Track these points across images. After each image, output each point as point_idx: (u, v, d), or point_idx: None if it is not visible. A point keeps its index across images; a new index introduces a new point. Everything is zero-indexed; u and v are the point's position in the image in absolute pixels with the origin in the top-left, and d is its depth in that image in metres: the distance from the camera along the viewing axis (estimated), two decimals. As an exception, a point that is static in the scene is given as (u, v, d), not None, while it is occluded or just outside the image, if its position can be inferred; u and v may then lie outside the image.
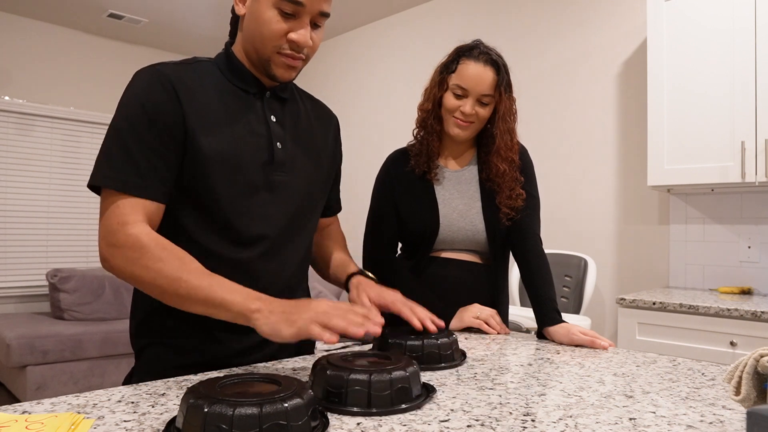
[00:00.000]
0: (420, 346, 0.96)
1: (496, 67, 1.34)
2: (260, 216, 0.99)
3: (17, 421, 0.61)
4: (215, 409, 0.57)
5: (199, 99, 0.96)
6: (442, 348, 0.97)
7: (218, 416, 0.57)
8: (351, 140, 4.31)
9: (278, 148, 1.02)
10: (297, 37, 0.96)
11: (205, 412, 0.57)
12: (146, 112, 0.92)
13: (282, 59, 0.98)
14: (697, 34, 2.29)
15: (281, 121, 1.05)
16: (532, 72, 3.18)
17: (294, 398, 0.60)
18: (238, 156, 0.96)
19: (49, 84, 4.29)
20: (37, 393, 3.22)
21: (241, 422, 0.56)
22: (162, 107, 0.92)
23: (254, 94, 1.03)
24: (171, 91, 0.94)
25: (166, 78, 0.94)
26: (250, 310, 0.82)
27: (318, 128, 1.14)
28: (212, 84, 0.99)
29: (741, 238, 2.43)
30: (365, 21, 4.20)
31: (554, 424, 0.67)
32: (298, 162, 1.06)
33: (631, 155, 2.78)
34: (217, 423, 0.56)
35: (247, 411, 0.57)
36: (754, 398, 0.64)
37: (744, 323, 1.90)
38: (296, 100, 1.12)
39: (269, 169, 1.00)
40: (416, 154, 1.44)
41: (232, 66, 1.03)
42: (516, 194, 1.39)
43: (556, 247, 3.00)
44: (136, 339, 1.02)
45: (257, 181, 0.99)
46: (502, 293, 1.46)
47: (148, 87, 0.93)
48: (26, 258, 4.13)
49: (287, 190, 1.03)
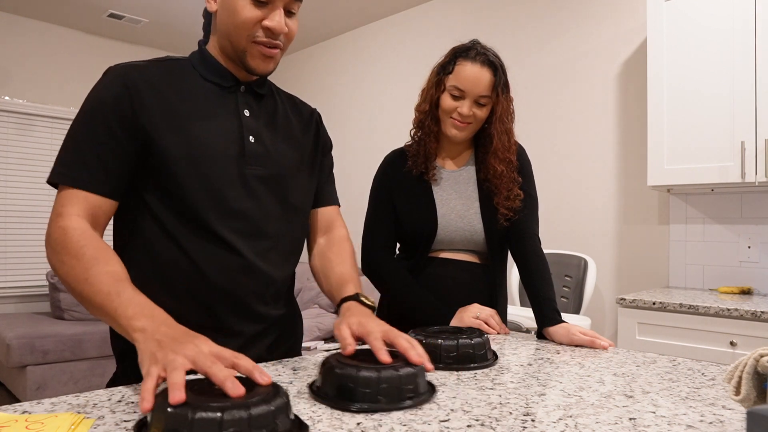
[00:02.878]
0: (455, 346, 0.97)
1: (494, 68, 1.34)
2: (238, 211, 0.97)
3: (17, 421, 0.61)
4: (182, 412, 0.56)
5: (164, 97, 0.95)
6: (476, 348, 0.98)
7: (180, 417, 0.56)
8: (349, 141, 4.31)
9: (251, 142, 1.00)
10: (272, 24, 0.94)
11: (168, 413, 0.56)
12: (102, 107, 0.91)
13: (258, 48, 0.96)
14: (697, 34, 2.29)
15: (256, 114, 1.04)
16: (532, 72, 3.18)
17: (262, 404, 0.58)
18: (204, 152, 0.95)
19: (49, 84, 4.29)
20: (37, 393, 3.22)
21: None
22: (119, 104, 0.92)
23: (228, 89, 1.02)
24: (132, 89, 0.93)
25: (129, 77, 0.94)
26: (133, 328, 0.74)
27: (296, 121, 1.13)
28: (182, 82, 0.99)
29: (741, 238, 2.43)
30: (363, 22, 4.20)
31: (554, 424, 0.67)
32: (278, 154, 1.04)
33: (631, 155, 2.78)
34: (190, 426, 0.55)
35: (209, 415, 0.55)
36: (754, 398, 0.64)
37: (744, 323, 1.90)
38: (274, 96, 1.11)
39: (242, 162, 0.99)
40: (414, 154, 1.44)
41: (205, 62, 1.02)
42: (514, 195, 1.39)
43: (556, 247, 3.00)
44: (116, 342, 0.99)
45: (230, 177, 0.97)
46: (500, 293, 1.46)
47: (109, 84, 0.93)
48: (26, 258, 4.13)
49: (266, 183, 1.01)
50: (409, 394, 0.74)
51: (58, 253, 0.86)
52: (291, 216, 1.06)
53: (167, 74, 0.98)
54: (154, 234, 0.95)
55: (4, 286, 4.03)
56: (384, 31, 4.12)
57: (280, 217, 1.03)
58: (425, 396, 0.76)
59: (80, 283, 0.82)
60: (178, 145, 0.94)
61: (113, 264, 0.84)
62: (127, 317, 0.76)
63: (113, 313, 0.78)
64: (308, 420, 0.67)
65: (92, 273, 0.82)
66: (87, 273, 0.82)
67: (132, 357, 0.94)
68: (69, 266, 0.84)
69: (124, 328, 0.76)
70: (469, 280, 1.41)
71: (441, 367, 0.95)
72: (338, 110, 4.44)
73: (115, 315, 0.77)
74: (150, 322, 0.74)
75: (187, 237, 0.95)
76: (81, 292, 0.82)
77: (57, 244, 0.86)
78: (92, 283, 0.81)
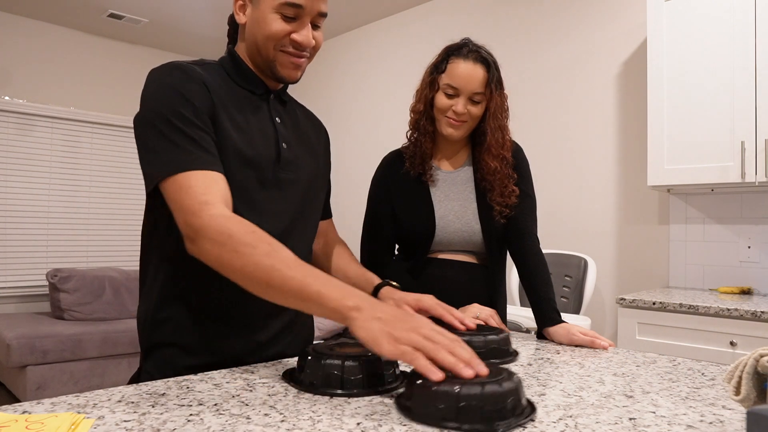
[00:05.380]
0: (484, 342, 1.00)
1: (486, 65, 1.34)
2: (269, 212, 1.01)
3: (17, 421, 0.61)
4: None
5: (218, 95, 0.97)
6: (501, 343, 1.02)
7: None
8: (348, 142, 4.31)
9: (284, 148, 1.04)
10: (300, 38, 0.98)
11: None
12: (183, 94, 0.91)
13: (287, 58, 0.99)
14: (697, 34, 2.29)
15: (285, 122, 1.08)
16: (532, 72, 3.18)
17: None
18: (252, 152, 0.98)
19: (49, 84, 4.29)
20: (37, 393, 3.22)
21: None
22: (196, 93, 0.92)
23: (260, 96, 1.05)
24: (199, 81, 0.94)
25: (193, 70, 0.95)
26: (348, 308, 0.75)
27: (312, 132, 1.17)
28: (222, 86, 1.00)
29: (741, 238, 2.43)
30: (362, 22, 4.20)
31: (554, 424, 0.67)
32: (302, 161, 1.08)
33: (631, 155, 2.78)
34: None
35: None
36: (754, 398, 0.64)
37: (744, 323, 1.90)
38: (293, 105, 1.16)
39: (277, 167, 1.02)
40: (410, 155, 1.44)
41: (237, 68, 1.04)
42: (509, 191, 1.39)
43: (556, 247, 3.00)
44: (144, 337, 1.01)
45: (267, 178, 1.00)
46: (500, 293, 1.46)
47: (179, 76, 0.93)
48: (26, 258, 4.13)
49: (293, 187, 1.05)
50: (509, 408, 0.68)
51: (224, 244, 0.81)
52: (311, 220, 1.11)
53: (209, 75, 0.99)
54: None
55: (4, 286, 4.03)
56: (384, 32, 4.12)
57: (303, 219, 1.08)
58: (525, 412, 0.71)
59: (265, 271, 0.79)
60: (234, 140, 0.96)
61: (282, 247, 0.83)
62: (336, 299, 0.76)
63: (316, 296, 0.77)
64: (308, 420, 0.67)
65: (276, 259, 0.80)
66: (270, 259, 0.80)
67: (158, 353, 0.98)
68: (246, 255, 0.80)
69: (333, 309, 0.76)
70: (468, 281, 1.41)
71: None
72: (338, 111, 4.44)
73: (318, 298, 0.77)
74: (361, 301, 0.76)
75: None
76: (267, 280, 0.80)
77: (222, 236, 0.82)
78: (279, 269, 0.79)
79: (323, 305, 0.77)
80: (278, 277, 0.79)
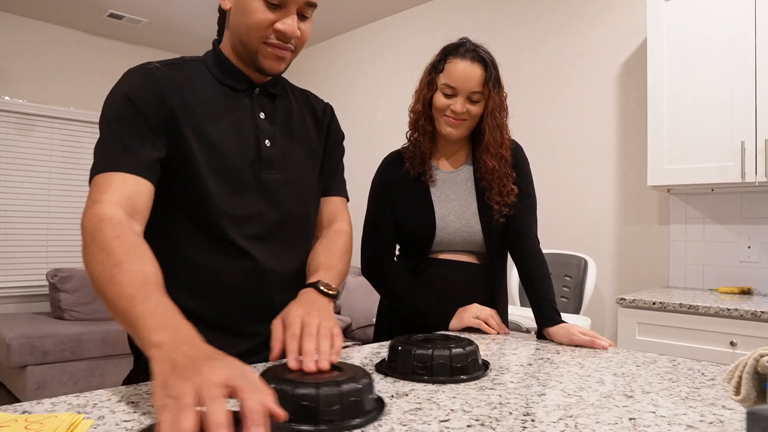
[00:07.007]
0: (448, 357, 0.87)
1: (484, 64, 1.34)
2: (245, 217, 0.97)
3: (17, 421, 0.61)
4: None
5: (185, 99, 0.95)
6: (467, 357, 0.88)
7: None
8: (348, 142, 4.30)
9: (266, 146, 1.00)
10: (284, 27, 0.93)
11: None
12: (132, 102, 0.90)
13: (269, 50, 0.96)
14: (697, 34, 2.29)
15: (271, 117, 1.04)
16: (531, 72, 3.18)
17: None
18: (224, 156, 0.95)
19: (49, 84, 4.29)
20: (37, 393, 3.22)
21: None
22: (150, 102, 0.91)
23: (243, 91, 1.02)
24: (158, 90, 0.93)
25: (155, 78, 0.94)
26: (150, 343, 0.64)
27: (310, 119, 1.12)
28: (199, 84, 0.98)
29: (741, 238, 2.43)
30: (362, 22, 4.20)
31: (554, 424, 0.67)
32: (291, 157, 1.04)
33: (631, 155, 2.78)
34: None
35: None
36: (754, 398, 0.64)
37: (744, 323, 1.90)
38: (288, 95, 1.10)
39: (257, 167, 0.99)
40: (410, 156, 1.44)
41: (220, 63, 1.01)
42: (507, 190, 1.38)
43: (556, 247, 3.00)
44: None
45: (246, 181, 0.97)
46: (500, 293, 1.46)
47: (137, 83, 0.92)
48: (26, 258, 4.13)
49: (280, 187, 1.01)
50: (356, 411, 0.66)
51: (88, 246, 0.78)
52: (304, 218, 1.07)
53: (184, 76, 0.98)
54: (173, 232, 0.95)
55: (4, 286, 4.03)
56: (384, 32, 4.12)
57: (294, 219, 1.04)
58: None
59: (105, 282, 0.72)
60: (197, 150, 0.93)
61: (145, 262, 0.75)
62: (147, 329, 0.65)
63: (134, 321, 0.67)
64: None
65: (119, 271, 0.72)
66: (114, 270, 0.72)
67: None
68: (97, 261, 0.75)
69: (141, 339, 0.66)
70: (468, 281, 1.41)
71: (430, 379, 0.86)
72: (337, 111, 4.42)
73: (135, 324, 0.67)
74: (170, 337, 0.63)
75: (202, 240, 0.95)
76: (104, 293, 0.73)
77: (88, 236, 0.78)
78: (117, 283, 0.71)
79: (135, 332, 0.67)
80: (113, 291, 0.71)
